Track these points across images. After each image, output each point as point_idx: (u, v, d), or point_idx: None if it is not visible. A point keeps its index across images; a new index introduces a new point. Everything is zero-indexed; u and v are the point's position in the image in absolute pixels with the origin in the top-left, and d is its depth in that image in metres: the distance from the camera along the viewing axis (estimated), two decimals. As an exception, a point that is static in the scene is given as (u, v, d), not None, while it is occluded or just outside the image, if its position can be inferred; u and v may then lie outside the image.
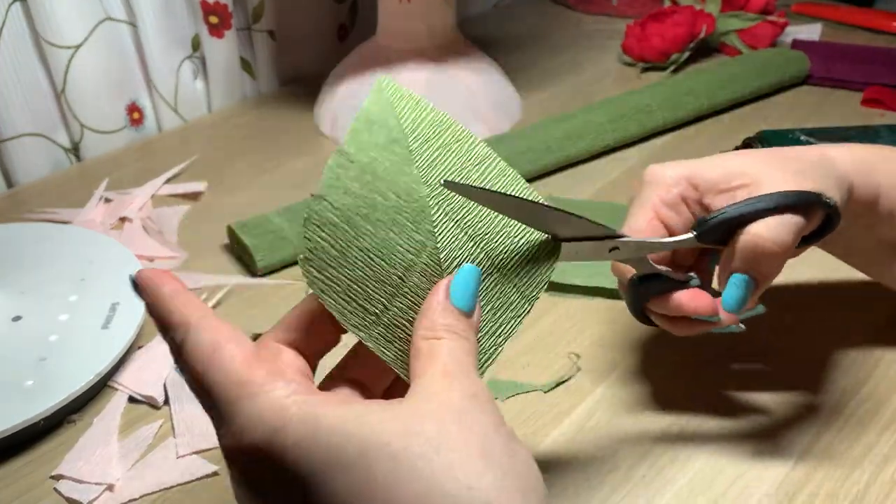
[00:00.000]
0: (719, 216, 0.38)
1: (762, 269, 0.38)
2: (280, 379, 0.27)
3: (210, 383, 0.27)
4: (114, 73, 0.74)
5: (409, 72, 0.73)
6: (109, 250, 0.57)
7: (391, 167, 0.32)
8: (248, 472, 0.27)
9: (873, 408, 0.46)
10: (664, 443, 0.44)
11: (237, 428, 0.27)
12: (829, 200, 0.38)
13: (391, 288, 0.32)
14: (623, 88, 0.82)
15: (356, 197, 0.32)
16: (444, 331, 0.29)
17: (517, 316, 0.33)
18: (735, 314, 0.39)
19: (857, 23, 0.99)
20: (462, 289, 0.31)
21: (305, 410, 0.26)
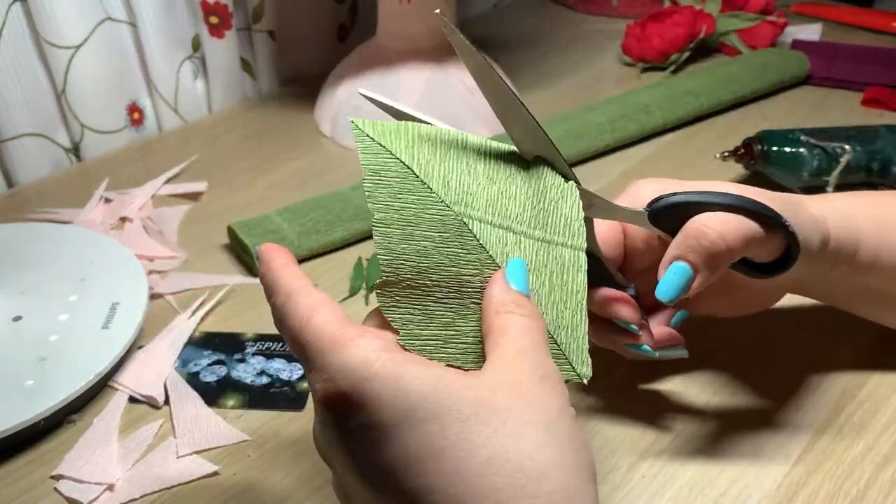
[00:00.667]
0: (670, 197, 0.38)
1: (703, 261, 0.37)
2: (369, 336, 0.29)
3: (307, 338, 0.30)
4: (114, 73, 0.74)
5: (409, 72, 0.73)
6: (109, 250, 0.57)
7: (417, 207, 0.33)
8: (334, 416, 0.29)
9: (873, 408, 0.46)
10: (664, 443, 0.44)
11: (328, 375, 0.29)
12: (788, 224, 0.37)
13: (476, 315, 0.33)
14: (623, 88, 0.82)
15: (411, 256, 0.33)
16: (513, 305, 0.31)
17: (580, 267, 0.34)
18: (667, 302, 0.38)
19: (857, 23, 0.99)
20: (516, 274, 0.33)
21: (389, 367, 0.28)
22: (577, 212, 0.35)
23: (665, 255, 0.38)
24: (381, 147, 0.34)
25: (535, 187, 0.35)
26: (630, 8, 1.06)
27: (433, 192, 0.34)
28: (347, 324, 0.30)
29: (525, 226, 0.34)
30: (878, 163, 0.64)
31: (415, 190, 0.34)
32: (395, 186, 0.34)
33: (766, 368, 0.49)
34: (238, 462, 0.44)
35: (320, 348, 0.30)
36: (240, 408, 0.47)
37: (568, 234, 0.35)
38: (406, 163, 0.34)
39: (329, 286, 0.57)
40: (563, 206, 0.35)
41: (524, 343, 0.30)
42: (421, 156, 0.34)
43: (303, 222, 0.60)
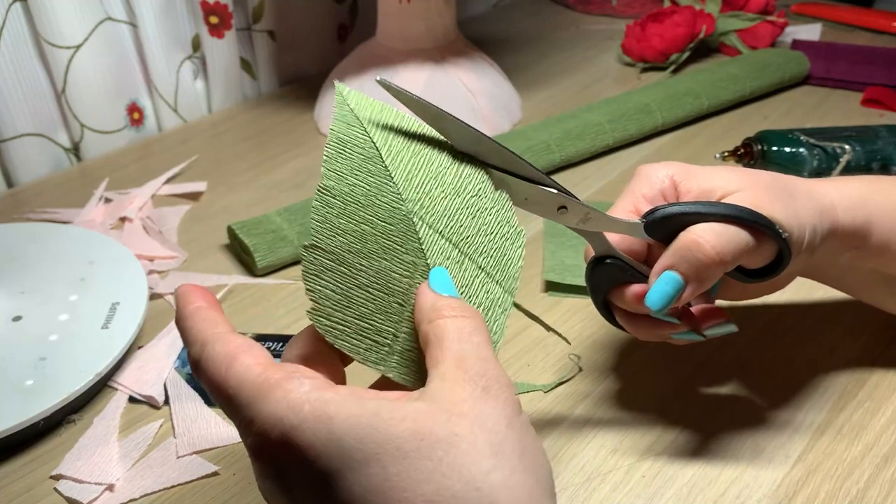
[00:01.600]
0: (665, 208, 0.38)
1: (694, 272, 0.37)
2: (294, 378, 0.28)
3: (229, 390, 0.28)
4: (114, 73, 0.74)
5: (409, 72, 0.73)
6: (109, 250, 0.57)
7: (371, 189, 0.33)
8: (272, 469, 0.28)
9: (873, 408, 0.46)
10: (664, 443, 0.44)
11: (257, 428, 0.27)
12: (781, 231, 0.37)
13: (395, 316, 0.32)
14: (623, 88, 0.82)
15: (345, 234, 0.32)
16: (446, 309, 0.30)
17: (504, 310, 0.34)
18: (655, 312, 0.38)
19: (857, 23, 0.99)
20: (440, 281, 0.32)
21: (318, 408, 0.27)
22: (519, 258, 0.35)
23: (657, 264, 0.38)
24: (357, 120, 0.33)
25: (494, 217, 0.35)
26: (630, 8, 1.06)
27: (393, 181, 0.33)
28: (271, 367, 0.28)
29: (473, 249, 0.34)
30: (877, 163, 0.64)
31: (374, 172, 0.33)
32: (356, 162, 0.33)
33: (766, 368, 0.49)
34: (238, 462, 0.44)
35: (245, 399, 0.28)
36: (240, 408, 0.47)
37: (505, 274, 0.34)
38: (377, 144, 0.33)
39: (329, 286, 0.57)
40: (510, 248, 0.35)
41: (462, 350, 0.29)
42: (394, 143, 0.34)
43: (303, 222, 0.60)
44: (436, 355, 0.29)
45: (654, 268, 0.38)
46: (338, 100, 0.34)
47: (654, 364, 0.49)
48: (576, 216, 0.37)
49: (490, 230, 0.34)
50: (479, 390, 0.27)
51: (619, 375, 0.49)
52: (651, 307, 0.37)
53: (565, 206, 0.36)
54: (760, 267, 0.40)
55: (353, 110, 0.34)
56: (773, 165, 0.65)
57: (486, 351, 0.29)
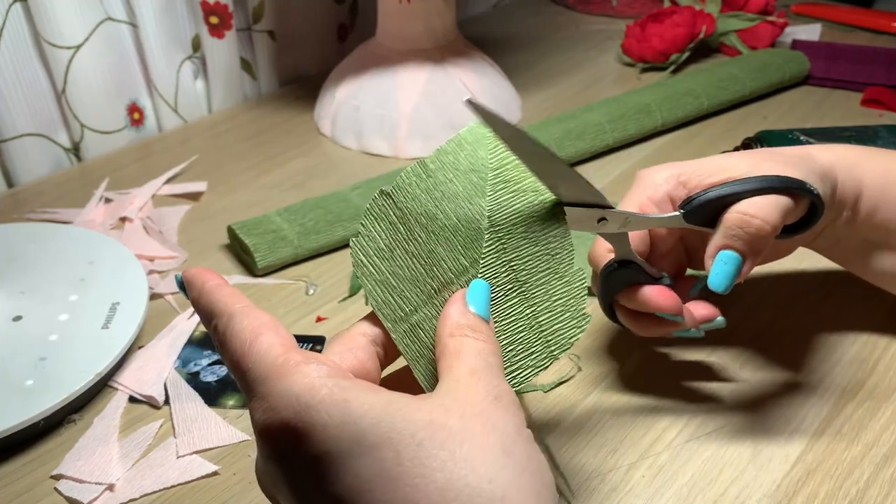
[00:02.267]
0: (704, 194, 0.39)
1: (750, 246, 0.39)
2: (314, 362, 0.28)
3: (248, 363, 0.29)
4: (114, 73, 0.74)
5: (408, 72, 0.73)
6: (109, 250, 0.57)
7: (463, 193, 0.34)
8: (276, 449, 0.28)
9: (873, 407, 0.46)
10: (664, 443, 0.44)
11: (270, 405, 0.27)
12: (812, 188, 0.39)
13: (424, 295, 0.33)
14: (623, 89, 0.82)
15: (421, 204, 0.33)
16: (468, 329, 0.31)
17: (535, 366, 0.35)
18: (722, 291, 0.39)
19: (856, 23, 0.99)
20: (478, 298, 0.32)
21: (336, 393, 0.27)
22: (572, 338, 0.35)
23: (709, 247, 0.40)
24: (485, 139, 0.35)
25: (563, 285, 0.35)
26: (630, 8, 1.06)
27: (486, 198, 0.34)
28: (293, 349, 0.29)
29: (529, 294, 0.34)
30: (877, 163, 0.64)
31: (474, 183, 0.34)
32: (463, 165, 0.34)
33: (766, 368, 0.49)
34: (238, 462, 0.44)
35: (262, 374, 0.28)
36: (240, 408, 0.47)
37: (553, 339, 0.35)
38: (490, 163, 0.35)
39: (329, 286, 0.57)
40: (568, 322, 0.35)
41: (478, 364, 0.29)
42: (504, 173, 0.35)
43: (303, 222, 0.60)
44: (451, 364, 0.30)
45: (708, 251, 0.40)
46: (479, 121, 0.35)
47: (654, 364, 0.49)
48: (616, 223, 0.37)
49: (554, 293, 0.35)
50: (492, 397, 0.28)
51: (618, 376, 0.49)
52: (717, 289, 0.39)
53: (605, 218, 0.37)
54: (794, 223, 0.42)
55: (485, 132, 0.35)
56: (772, 165, 0.65)
57: (499, 371, 0.30)
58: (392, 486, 0.25)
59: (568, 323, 0.35)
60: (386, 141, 0.73)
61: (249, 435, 0.45)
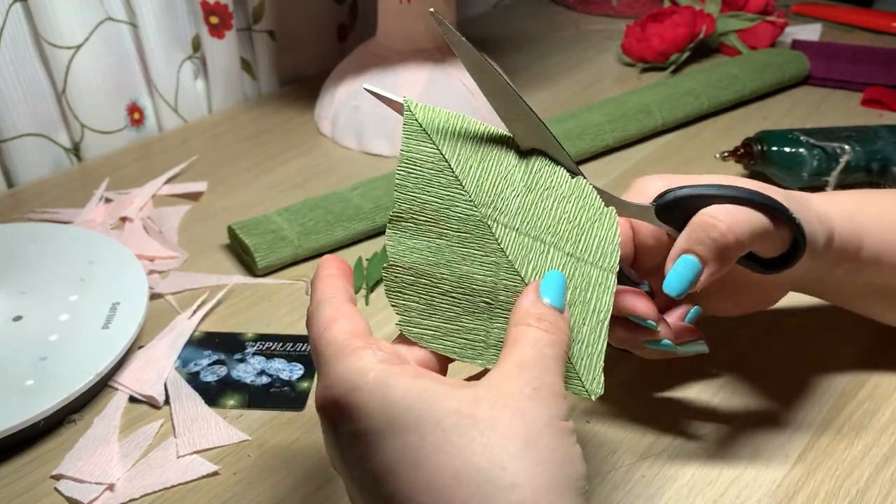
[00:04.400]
0: (677, 191, 0.38)
1: (711, 254, 0.37)
2: (371, 349, 0.30)
3: (321, 346, 0.31)
4: (114, 73, 0.74)
5: (409, 72, 0.73)
6: (110, 250, 0.57)
7: (443, 202, 0.34)
8: (328, 422, 0.30)
9: (873, 407, 0.46)
10: (664, 443, 0.44)
11: (327, 382, 0.30)
12: (794, 216, 0.37)
13: (485, 314, 0.33)
14: (623, 89, 0.82)
15: (420, 251, 0.33)
16: (533, 319, 0.31)
17: (607, 289, 0.34)
18: (676, 296, 0.38)
19: (856, 23, 0.99)
20: (551, 287, 0.33)
21: (381, 377, 0.29)
22: (615, 236, 0.35)
23: (673, 248, 0.38)
24: (426, 135, 0.34)
25: (574, 204, 0.35)
26: (630, 8, 1.06)
27: (464, 189, 0.34)
28: (360, 336, 0.31)
29: (556, 237, 0.34)
30: (877, 163, 0.64)
31: (445, 185, 0.34)
32: (427, 178, 0.34)
33: (766, 368, 0.49)
34: (238, 462, 0.44)
35: (328, 356, 0.31)
36: (240, 408, 0.47)
37: (600, 255, 0.35)
38: (445, 156, 0.34)
39: (329, 286, 0.57)
40: (601, 228, 0.35)
41: (529, 355, 0.30)
42: (462, 151, 0.34)
43: (303, 222, 0.60)
44: (506, 353, 0.31)
45: (671, 252, 0.38)
46: (406, 116, 0.34)
47: (654, 364, 0.49)
48: None
49: (573, 216, 0.35)
50: (530, 389, 0.29)
51: (618, 375, 0.48)
52: (670, 292, 0.38)
53: None
54: (775, 257, 0.40)
55: (420, 125, 0.34)
56: (772, 165, 0.65)
57: (552, 363, 0.30)
58: (414, 466, 0.27)
59: (603, 231, 0.35)
60: (386, 141, 0.73)
61: (250, 435, 0.45)
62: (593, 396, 0.34)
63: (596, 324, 0.34)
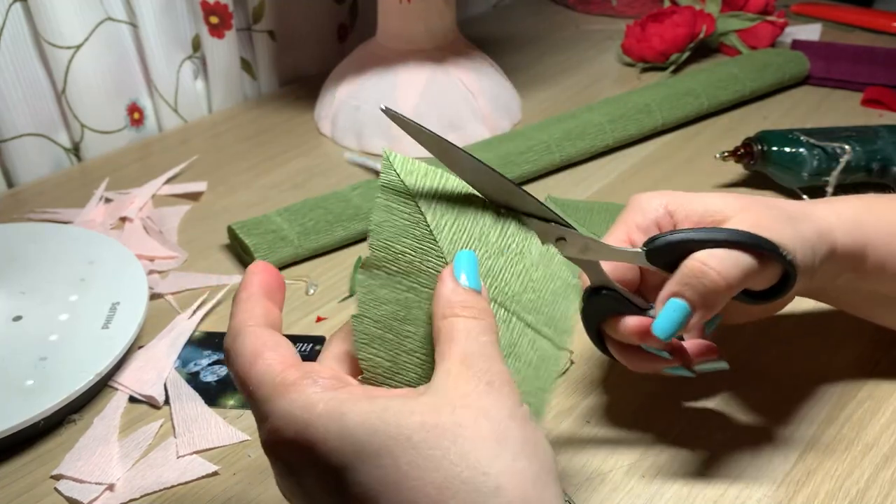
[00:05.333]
0: (668, 235, 0.38)
1: (701, 299, 0.37)
2: (310, 378, 0.29)
3: (250, 386, 0.30)
4: (114, 73, 0.74)
5: (409, 72, 0.73)
6: (109, 250, 0.57)
7: (415, 255, 0.33)
8: (287, 465, 0.29)
9: (873, 407, 0.46)
10: (664, 443, 0.44)
11: (272, 425, 0.28)
12: (785, 254, 0.37)
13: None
14: (623, 89, 0.82)
15: (390, 303, 0.33)
16: (459, 307, 0.30)
17: (556, 365, 0.34)
18: (663, 339, 0.38)
19: (856, 23, 0.99)
20: (466, 267, 0.32)
21: (332, 407, 0.28)
22: (572, 312, 0.35)
23: (662, 292, 0.38)
24: (403, 185, 0.34)
25: (541, 272, 0.35)
26: (630, 8, 1.06)
27: (437, 245, 0.33)
28: (291, 366, 0.29)
29: (519, 307, 0.34)
30: (878, 163, 0.64)
31: (419, 237, 0.33)
32: (402, 228, 0.33)
33: (766, 368, 0.49)
34: (238, 462, 0.44)
35: (263, 395, 0.29)
36: (240, 408, 0.47)
37: (556, 330, 0.34)
38: (421, 208, 0.34)
39: (329, 286, 0.57)
40: (562, 303, 0.35)
41: (470, 349, 0.29)
42: (439, 207, 0.34)
43: (303, 222, 0.60)
44: (444, 351, 0.30)
45: (660, 295, 0.38)
46: (384, 165, 0.34)
47: (654, 364, 0.49)
48: (574, 246, 0.36)
49: (538, 286, 0.34)
50: (483, 384, 0.28)
51: (618, 376, 0.48)
52: (659, 335, 0.37)
53: (564, 238, 0.36)
54: (766, 289, 0.39)
55: (399, 175, 0.34)
56: (772, 165, 0.65)
57: (492, 349, 0.30)
58: (395, 490, 0.26)
59: (564, 306, 0.34)
60: (386, 141, 0.73)
61: (249, 435, 0.45)
62: None
63: (541, 401, 0.33)
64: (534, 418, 0.30)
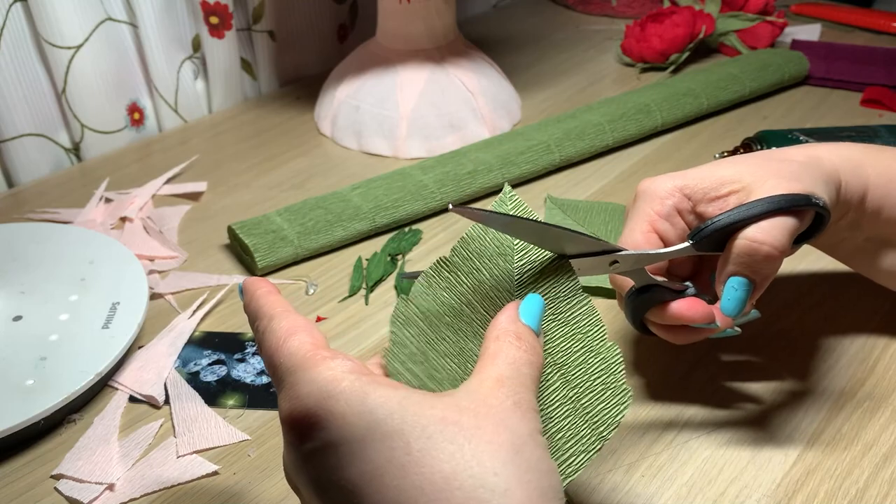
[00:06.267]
0: (713, 224, 0.39)
1: (759, 271, 0.39)
2: (339, 359, 0.30)
3: (280, 358, 0.31)
4: (114, 73, 0.74)
5: (409, 72, 0.73)
6: (110, 250, 0.57)
7: (490, 280, 0.34)
8: (298, 435, 0.29)
9: (873, 407, 0.46)
10: (663, 442, 0.44)
11: (295, 393, 0.29)
12: (818, 201, 0.39)
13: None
14: (622, 89, 0.82)
15: (443, 304, 0.33)
16: (512, 336, 0.31)
17: (587, 451, 0.33)
18: (734, 317, 0.40)
19: (856, 23, 0.99)
20: (531, 310, 0.33)
21: (356, 385, 0.28)
22: (619, 415, 0.34)
23: (720, 274, 0.40)
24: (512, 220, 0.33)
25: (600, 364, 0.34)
26: (629, 8, 1.06)
27: (514, 282, 0.34)
28: (322, 347, 0.30)
29: (571, 376, 0.34)
30: (877, 163, 0.64)
31: (501, 267, 0.34)
32: (489, 250, 0.34)
33: (766, 368, 0.49)
34: (238, 462, 0.44)
35: (291, 367, 0.30)
36: (240, 408, 0.48)
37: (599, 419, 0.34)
38: (516, 246, 0.35)
39: (329, 286, 0.57)
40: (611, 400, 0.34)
41: (507, 372, 0.30)
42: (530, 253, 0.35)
43: (303, 222, 0.60)
44: (483, 367, 0.31)
45: (718, 277, 0.40)
46: (502, 195, 0.35)
47: (654, 363, 0.49)
48: (627, 263, 0.38)
49: (592, 372, 0.34)
50: (511, 402, 0.29)
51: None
52: (729, 314, 0.39)
53: (617, 261, 0.38)
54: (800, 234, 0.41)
55: (510, 210, 0.35)
56: (772, 165, 0.65)
57: (529, 381, 0.30)
58: (401, 472, 0.27)
59: (610, 401, 0.34)
60: (386, 141, 0.73)
61: (249, 435, 0.45)
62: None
63: (562, 475, 0.33)
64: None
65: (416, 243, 0.61)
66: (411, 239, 0.61)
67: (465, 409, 0.28)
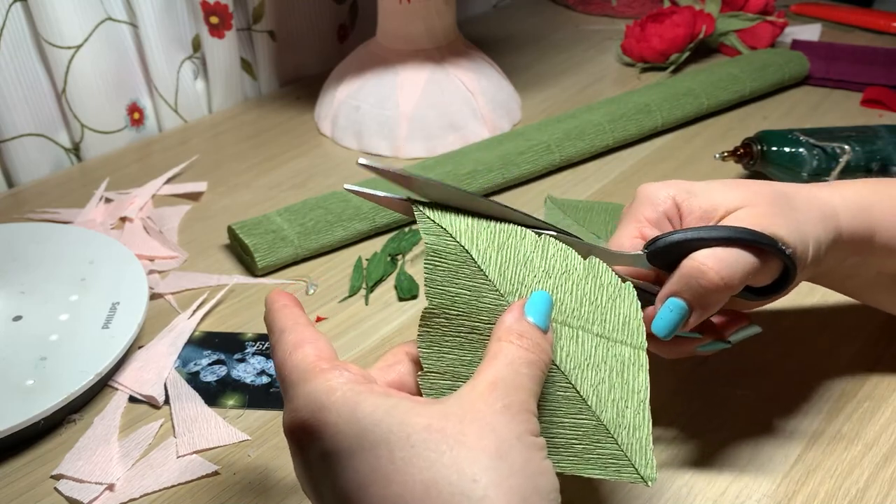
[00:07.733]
0: (667, 237, 0.38)
1: (700, 299, 0.37)
2: (337, 370, 0.30)
3: (286, 371, 0.32)
4: (114, 73, 0.74)
5: (409, 72, 0.73)
6: (110, 250, 0.57)
7: (471, 292, 0.34)
8: (299, 445, 0.30)
9: (873, 407, 0.46)
10: (663, 442, 0.44)
11: (294, 405, 0.30)
12: (784, 248, 0.37)
13: None
14: (622, 89, 0.82)
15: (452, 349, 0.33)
16: (514, 335, 0.31)
17: (641, 367, 0.34)
18: (663, 338, 0.38)
19: (856, 23, 0.99)
20: (537, 306, 0.32)
21: (348, 395, 0.29)
22: (636, 311, 0.35)
23: (661, 292, 0.38)
24: (442, 229, 0.34)
25: (592, 283, 0.35)
26: (630, 8, 1.06)
27: (489, 280, 0.34)
28: (325, 358, 0.31)
29: (582, 320, 0.34)
30: (877, 163, 0.64)
31: (471, 275, 0.34)
32: (452, 269, 0.34)
33: (765, 368, 0.49)
34: (238, 462, 0.44)
35: (294, 380, 0.31)
36: (240, 408, 0.47)
37: (627, 332, 0.35)
38: (465, 247, 0.34)
39: (329, 286, 0.57)
40: (621, 305, 0.35)
41: (503, 373, 0.30)
42: (479, 242, 0.34)
43: (303, 222, 0.60)
44: (482, 369, 0.31)
45: (659, 295, 0.38)
46: (418, 215, 0.35)
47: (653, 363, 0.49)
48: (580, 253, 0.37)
49: (593, 297, 0.35)
50: (500, 405, 0.29)
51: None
52: (657, 333, 0.38)
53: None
54: (767, 285, 0.39)
55: (435, 221, 0.35)
56: (772, 166, 0.65)
57: (526, 382, 0.30)
58: (385, 482, 0.27)
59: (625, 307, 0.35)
60: (386, 141, 0.73)
61: (249, 435, 0.45)
62: (650, 483, 0.33)
63: (638, 404, 0.34)
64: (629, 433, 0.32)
65: (416, 243, 0.61)
66: (411, 239, 0.61)
67: (451, 415, 0.28)
